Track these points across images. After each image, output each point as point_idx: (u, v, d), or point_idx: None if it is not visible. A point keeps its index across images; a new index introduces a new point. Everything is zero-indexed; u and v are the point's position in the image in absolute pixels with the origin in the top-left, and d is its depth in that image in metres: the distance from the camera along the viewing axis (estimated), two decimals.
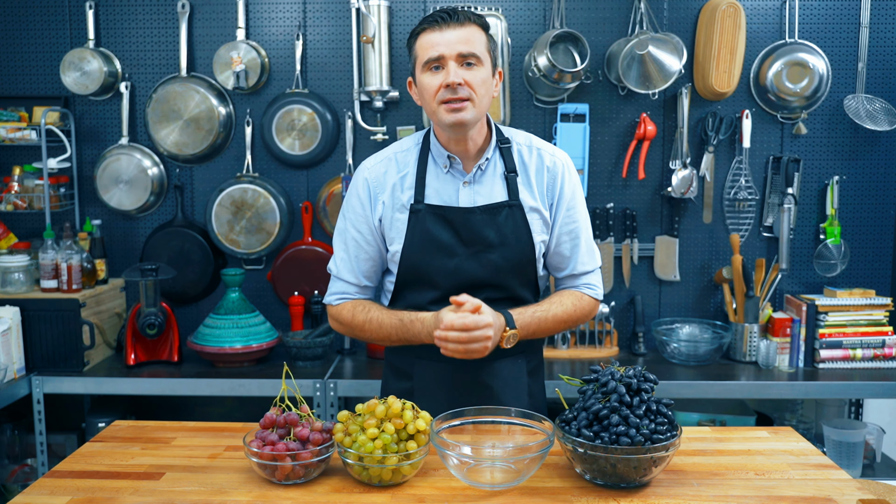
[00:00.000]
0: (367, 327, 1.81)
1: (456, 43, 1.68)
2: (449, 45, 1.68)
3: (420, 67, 1.73)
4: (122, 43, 3.10)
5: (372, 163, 1.85)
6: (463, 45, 1.68)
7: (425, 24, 1.72)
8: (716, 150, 3.04)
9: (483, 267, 1.77)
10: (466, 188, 1.79)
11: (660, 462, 1.40)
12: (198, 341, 2.87)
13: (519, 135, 1.86)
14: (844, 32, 3.03)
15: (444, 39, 1.68)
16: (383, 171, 1.82)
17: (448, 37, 1.68)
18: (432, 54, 1.69)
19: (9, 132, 2.94)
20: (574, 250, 1.85)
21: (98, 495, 1.42)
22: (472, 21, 1.71)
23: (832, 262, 3.08)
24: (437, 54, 1.68)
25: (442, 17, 1.70)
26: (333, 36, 3.07)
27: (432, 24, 1.70)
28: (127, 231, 3.19)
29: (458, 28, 1.69)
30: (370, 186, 1.82)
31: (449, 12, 1.70)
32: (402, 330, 1.76)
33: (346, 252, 1.84)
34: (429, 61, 1.70)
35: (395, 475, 1.43)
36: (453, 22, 1.69)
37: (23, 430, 3.04)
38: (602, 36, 3.02)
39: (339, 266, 1.86)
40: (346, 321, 1.85)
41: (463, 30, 1.69)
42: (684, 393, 2.74)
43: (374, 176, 1.82)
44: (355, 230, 1.83)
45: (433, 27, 1.70)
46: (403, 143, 1.87)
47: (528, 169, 1.82)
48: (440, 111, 1.71)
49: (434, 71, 1.70)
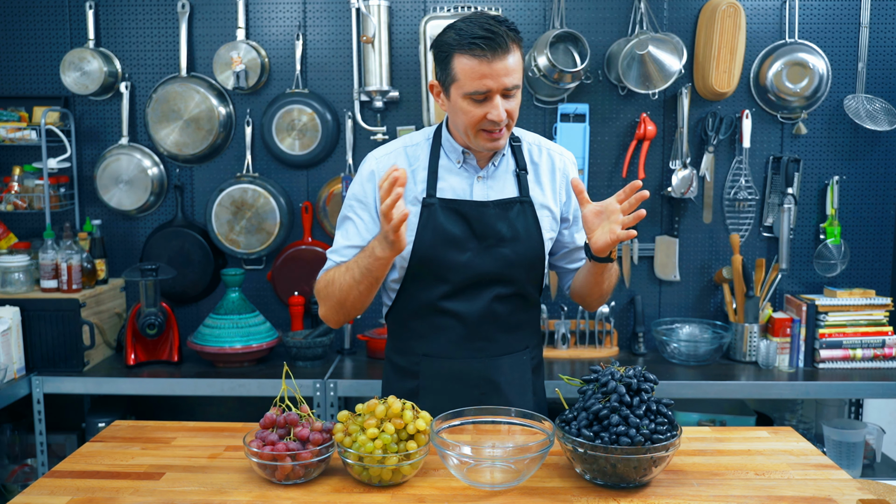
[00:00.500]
0: (336, 277, 1.74)
1: (503, 76, 1.62)
2: (496, 78, 1.61)
3: (460, 93, 1.65)
4: (122, 43, 3.11)
5: (381, 153, 1.84)
6: (509, 76, 1.62)
7: (471, 47, 1.61)
8: (716, 150, 3.04)
9: (495, 261, 1.77)
10: (480, 183, 1.79)
11: (660, 462, 1.40)
12: (198, 341, 2.87)
13: (528, 134, 1.88)
14: (844, 32, 3.03)
15: (492, 72, 1.61)
16: (393, 162, 1.81)
17: (496, 68, 1.61)
18: (479, 88, 1.62)
19: (9, 132, 2.94)
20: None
21: (98, 495, 1.42)
22: (513, 41, 1.63)
23: (832, 262, 3.08)
24: (484, 89, 1.62)
25: (489, 45, 1.59)
26: (333, 36, 3.08)
27: (478, 50, 1.60)
28: (127, 231, 3.19)
29: (504, 57, 1.61)
30: (377, 176, 1.79)
31: (493, 36, 1.60)
32: (360, 256, 1.69)
33: (346, 237, 1.82)
34: (475, 94, 1.64)
35: (395, 475, 1.43)
36: (500, 51, 1.60)
37: (23, 430, 3.04)
38: (602, 36, 3.02)
39: (334, 248, 1.83)
40: (321, 288, 1.79)
41: (509, 57, 1.62)
42: (684, 393, 2.74)
43: (382, 167, 1.80)
44: (357, 216, 1.81)
45: (480, 56, 1.60)
46: (413, 136, 1.86)
47: (539, 168, 1.84)
48: (478, 138, 1.70)
49: (478, 102, 1.65)
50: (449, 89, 1.69)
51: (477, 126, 1.68)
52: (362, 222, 1.80)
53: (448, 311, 1.79)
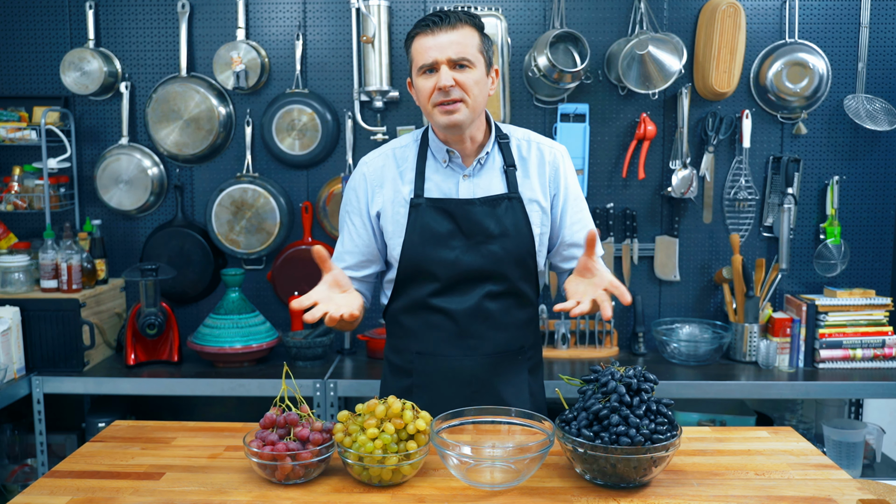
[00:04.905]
0: None
1: (447, 47, 1.69)
2: (441, 49, 1.69)
3: (416, 71, 1.74)
4: (122, 43, 3.11)
5: (370, 157, 1.89)
6: (454, 49, 1.69)
7: (418, 27, 1.72)
8: (716, 150, 3.04)
9: (483, 258, 1.78)
10: (466, 181, 1.81)
11: (660, 462, 1.40)
12: (198, 341, 2.87)
13: (517, 130, 1.89)
14: (844, 32, 3.03)
15: (436, 44, 1.69)
16: (381, 165, 1.85)
17: (440, 41, 1.69)
18: (426, 60, 1.70)
19: (9, 132, 2.94)
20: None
21: (98, 495, 1.42)
22: (464, 22, 1.72)
23: (832, 262, 3.08)
24: (430, 60, 1.69)
25: (434, 21, 1.70)
26: (333, 36, 3.08)
27: (424, 28, 1.71)
28: (127, 231, 3.19)
29: (450, 31, 1.69)
30: (367, 181, 1.85)
31: (441, 15, 1.71)
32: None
33: (342, 243, 1.89)
34: (422, 67, 1.71)
35: (395, 475, 1.43)
36: (445, 25, 1.69)
37: (23, 430, 3.04)
38: (602, 36, 3.02)
39: (335, 255, 1.90)
40: None
41: (455, 33, 1.70)
42: (684, 393, 2.74)
43: (371, 170, 1.86)
44: (350, 222, 1.87)
45: (426, 31, 1.71)
46: (402, 139, 1.90)
47: (527, 163, 1.84)
48: (434, 113, 1.73)
49: (428, 74, 1.72)
50: (413, 75, 1.77)
51: (430, 100, 1.72)
52: (354, 227, 1.87)
53: (439, 309, 1.80)
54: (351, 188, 1.88)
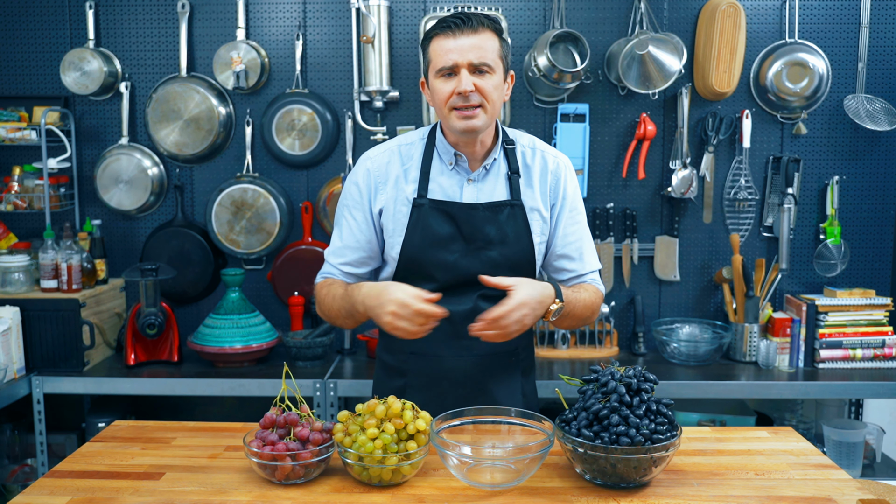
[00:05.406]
0: (327, 301, 1.82)
1: (469, 51, 1.67)
2: (462, 52, 1.67)
3: (433, 73, 1.72)
4: (122, 43, 3.10)
5: (375, 153, 1.86)
6: (475, 53, 1.67)
7: (439, 28, 1.70)
8: (716, 150, 3.04)
9: (482, 264, 1.78)
10: (471, 185, 1.80)
11: (660, 462, 1.40)
12: (198, 341, 2.87)
13: (523, 137, 1.88)
14: (844, 32, 3.03)
15: (457, 46, 1.67)
16: (386, 161, 1.83)
17: (461, 44, 1.67)
18: (445, 62, 1.68)
19: (9, 132, 2.94)
20: (580, 252, 1.87)
21: (98, 495, 1.42)
22: (486, 26, 1.70)
23: (832, 262, 3.08)
24: (450, 62, 1.67)
25: (455, 23, 1.67)
26: (333, 36, 3.08)
27: (445, 29, 1.68)
28: (127, 231, 3.19)
29: (471, 35, 1.67)
30: (371, 176, 1.82)
31: (463, 17, 1.68)
32: (346, 298, 1.76)
33: (340, 238, 1.86)
34: (442, 69, 1.69)
35: (395, 475, 1.43)
36: (467, 28, 1.67)
37: (23, 430, 3.04)
38: (602, 36, 3.02)
39: (331, 249, 1.87)
40: (319, 298, 1.86)
41: (476, 37, 1.68)
42: (684, 393, 2.74)
43: (376, 166, 1.83)
44: (351, 217, 1.84)
45: (447, 33, 1.68)
46: (408, 136, 1.87)
47: (531, 171, 1.83)
48: (451, 117, 1.71)
49: (446, 77, 1.70)
50: (428, 76, 1.75)
51: (448, 103, 1.70)
52: (356, 222, 1.83)
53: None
54: (353, 182, 1.84)
